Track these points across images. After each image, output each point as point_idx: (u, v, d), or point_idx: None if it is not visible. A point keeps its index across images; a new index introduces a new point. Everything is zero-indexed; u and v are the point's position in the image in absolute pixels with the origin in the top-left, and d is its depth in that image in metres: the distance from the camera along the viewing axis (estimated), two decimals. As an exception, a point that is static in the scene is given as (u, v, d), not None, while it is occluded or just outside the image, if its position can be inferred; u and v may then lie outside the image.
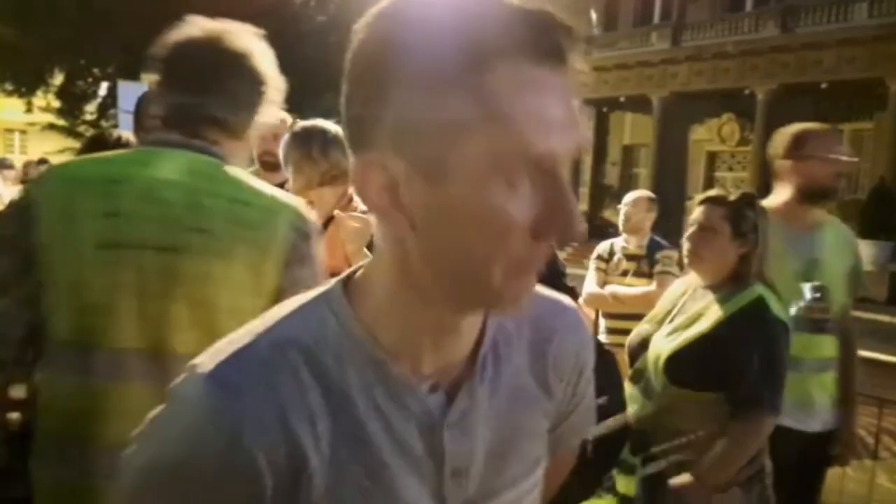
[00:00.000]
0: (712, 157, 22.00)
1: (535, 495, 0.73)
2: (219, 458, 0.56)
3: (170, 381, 0.61)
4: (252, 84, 1.29)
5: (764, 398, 1.83)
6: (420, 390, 0.63)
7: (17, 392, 1.39)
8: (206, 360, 0.58)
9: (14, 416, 1.44)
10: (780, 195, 2.37)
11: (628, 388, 2.10)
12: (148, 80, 1.30)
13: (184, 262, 1.18)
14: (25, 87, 16.18)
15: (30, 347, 1.22)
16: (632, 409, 2.05)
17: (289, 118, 2.44)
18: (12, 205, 1.24)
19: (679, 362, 1.94)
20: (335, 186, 2.05)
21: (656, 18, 22.37)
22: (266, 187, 1.29)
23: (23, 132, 24.04)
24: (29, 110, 16.83)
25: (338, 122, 2.01)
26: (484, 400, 0.66)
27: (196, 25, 1.27)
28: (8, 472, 1.31)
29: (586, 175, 23.82)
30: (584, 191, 23.73)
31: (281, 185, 1.64)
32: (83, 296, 1.18)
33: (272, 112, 1.35)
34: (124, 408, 1.14)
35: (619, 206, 3.93)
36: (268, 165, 2.53)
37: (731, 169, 21.66)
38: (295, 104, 2.19)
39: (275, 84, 1.32)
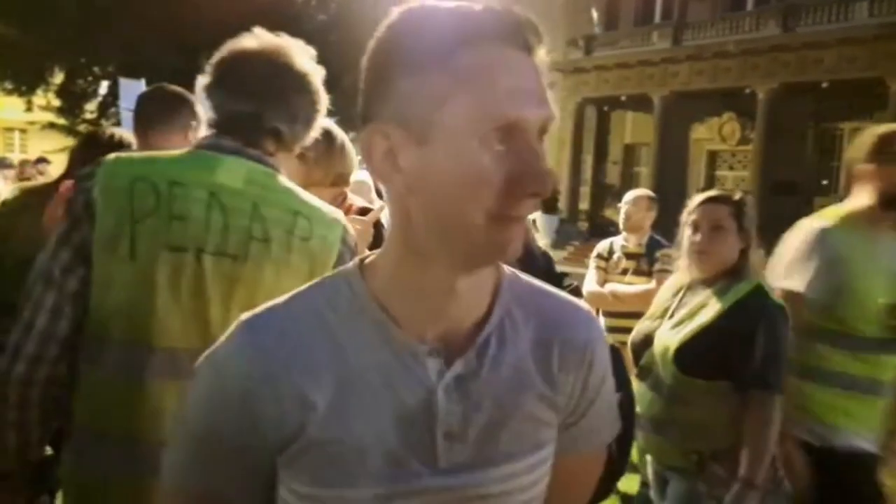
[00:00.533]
0: (713, 156, 22.02)
1: (534, 477, 0.76)
2: (234, 384, 0.69)
3: None
4: (311, 100, 1.31)
5: (769, 379, 1.89)
6: (420, 352, 0.71)
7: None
8: (251, 313, 0.74)
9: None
10: (860, 200, 2.16)
11: (635, 385, 2.11)
12: (200, 85, 1.29)
13: (243, 269, 1.21)
14: (25, 85, 16.12)
15: (70, 344, 1.22)
16: (640, 407, 2.07)
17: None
18: (68, 200, 1.23)
19: (688, 352, 1.98)
20: (337, 187, 2.06)
21: (657, 17, 22.37)
22: (316, 200, 1.31)
23: (23, 131, 23.98)
24: (29, 109, 16.77)
25: (338, 122, 2.02)
26: (483, 373, 0.73)
27: (256, 38, 1.29)
28: (46, 463, 1.31)
29: (587, 174, 23.83)
30: (585, 189, 23.74)
31: None
32: (138, 295, 1.18)
33: (319, 128, 1.38)
34: (172, 407, 1.14)
35: (620, 205, 3.94)
36: None
37: (731, 168, 21.67)
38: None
39: (325, 102, 1.35)
